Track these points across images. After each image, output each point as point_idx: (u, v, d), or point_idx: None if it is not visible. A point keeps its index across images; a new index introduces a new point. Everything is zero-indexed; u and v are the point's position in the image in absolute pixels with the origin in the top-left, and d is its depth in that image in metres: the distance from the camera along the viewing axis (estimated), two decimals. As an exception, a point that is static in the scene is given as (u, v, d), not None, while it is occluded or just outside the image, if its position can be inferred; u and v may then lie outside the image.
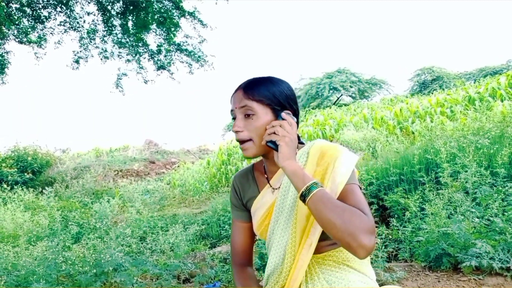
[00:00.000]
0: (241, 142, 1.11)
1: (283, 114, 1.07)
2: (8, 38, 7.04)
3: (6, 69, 7.18)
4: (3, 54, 7.07)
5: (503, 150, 3.60)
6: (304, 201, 0.98)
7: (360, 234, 0.91)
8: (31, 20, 6.85)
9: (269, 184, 1.20)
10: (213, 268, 3.16)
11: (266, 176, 1.22)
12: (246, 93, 1.10)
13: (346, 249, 0.95)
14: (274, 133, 1.05)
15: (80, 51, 7.20)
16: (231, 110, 1.14)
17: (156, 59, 7.45)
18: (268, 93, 1.10)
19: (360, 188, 1.08)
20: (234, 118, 1.13)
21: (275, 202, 1.16)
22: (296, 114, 1.14)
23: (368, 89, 23.06)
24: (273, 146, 1.05)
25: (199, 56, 7.42)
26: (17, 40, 7.11)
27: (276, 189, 1.17)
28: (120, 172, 12.11)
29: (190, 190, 8.92)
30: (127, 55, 7.39)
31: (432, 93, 14.62)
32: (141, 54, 7.41)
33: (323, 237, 1.09)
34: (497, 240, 2.60)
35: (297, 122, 1.11)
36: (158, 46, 7.36)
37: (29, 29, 6.88)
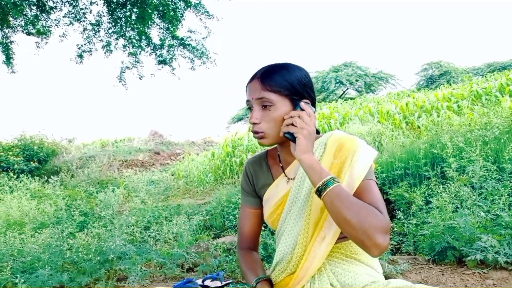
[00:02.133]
0: (257, 132, 1.09)
1: (302, 104, 1.04)
2: (16, 29, 7.06)
3: (11, 59, 7.22)
4: (8, 44, 7.09)
5: (510, 146, 3.57)
6: (320, 196, 0.97)
7: (375, 233, 0.90)
8: (36, 11, 6.84)
9: (284, 173, 1.18)
10: (217, 258, 3.17)
11: (281, 165, 1.21)
12: (263, 83, 1.06)
13: (360, 247, 0.94)
14: (292, 123, 1.02)
15: (84, 44, 7.17)
16: (247, 101, 1.10)
17: (158, 53, 7.40)
18: (285, 82, 1.06)
19: (377, 183, 1.07)
20: (249, 108, 1.10)
21: (289, 192, 1.15)
22: (313, 103, 1.10)
23: (374, 83, 22.94)
24: (291, 137, 1.03)
25: (202, 52, 7.34)
26: (24, 31, 7.12)
27: (291, 179, 1.16)
28: (125, 163, 12.16)
29: (194, 181, 8.94)
30: (129, 47, 7.35)
31: (439, 88, 14.50)
32: (143, 48, 7.37)
33: None
34: (502, 234, 2.58)
35: (314, 112, 1.08)
36: (161, 40, 7.30)
37: (35, 20, 6.88)
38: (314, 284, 1.10)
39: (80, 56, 7.18)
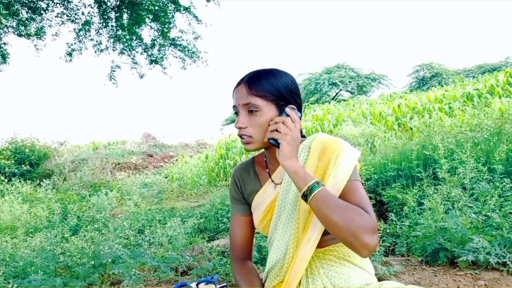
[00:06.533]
0: (243, 137, 1.09)
1: (287, 110, 1.05)
2: (7, 31, 7.03)
3: (7, 59, 7.20)
4: (1, 45, 7.05)
5: (500, 147, 3.62)
6: (306, 200, 0.98)
7: (362, 233, 0.91)
8: (29, 12, 6.81)
9: (271, 179, 1.18)
10: (211, 261, 3.17)
11: (267, 170, 1.21)
12: (250, 89, 1.06)
13: (349, 248, 0.95)
14: (277, 129, 1.02)
15: (74, 43, 7.17)
16: (234, 106, 1.10)
17: (149, 53, 7.42)
18: (272, 88, 1.06)
19: (362, 183, 1.08)
20: (236, 113, 1.10)
21: (277, 197, 1.15)
22: (300, 108, 1.11)
23: (367, 84, 23.07)
24: (275, 143, 1.03)
25: (193, 52, 7.37)
26: (16, 33, 7.09)
27: (278, 184, 1.16)
28: (118, 165, 12.08)
29: (188, 183, 8.91)
30: (121, 48, 7.36)
31: (431, 90, 14.63)
32: (135, 48, 7.39)
33: (325, 231, 1.08)
34: (493, 235, 2.61)
35: (300, 117, 1.09)
36: (152, 40, 7.32)
37: (28, 21, 6.86)
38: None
39: (70, 54, 7.17)
